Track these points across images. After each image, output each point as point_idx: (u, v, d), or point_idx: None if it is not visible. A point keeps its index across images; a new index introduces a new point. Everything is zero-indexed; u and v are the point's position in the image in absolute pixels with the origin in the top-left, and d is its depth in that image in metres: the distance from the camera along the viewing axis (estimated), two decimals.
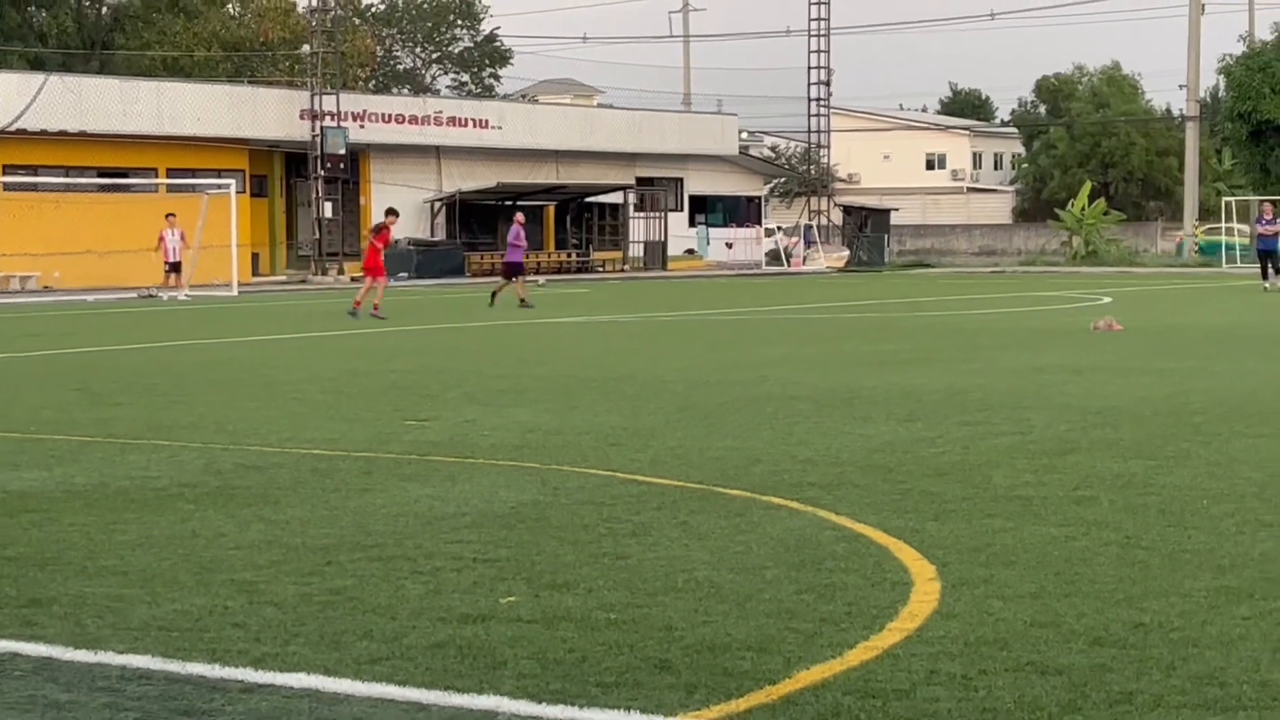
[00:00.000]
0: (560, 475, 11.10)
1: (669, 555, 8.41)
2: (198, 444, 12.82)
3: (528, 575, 7.94)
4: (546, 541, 8.79)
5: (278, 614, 7.19)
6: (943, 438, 12.86)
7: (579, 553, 8.49)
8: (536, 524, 9.31)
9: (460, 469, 11.42)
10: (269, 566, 8.18)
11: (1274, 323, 28.13)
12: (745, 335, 26.32)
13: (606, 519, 9.43)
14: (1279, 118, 65.61)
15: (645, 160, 70.47)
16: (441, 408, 15.44)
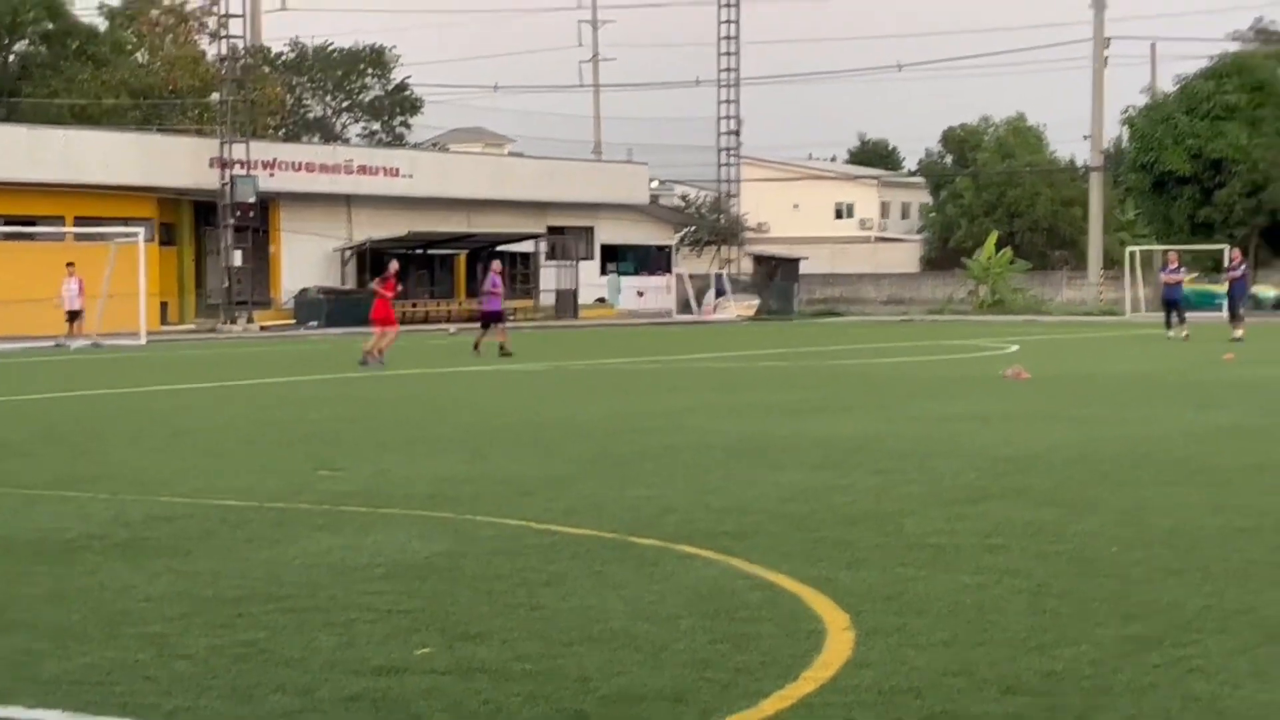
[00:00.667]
0: (474, 525, 11.07)
1: (583, 605, 8.40)
2: (106, 495, 12.70)
3: (442, 626, 7.91)
4: (460, 592, 8.76)
5: (189, 667, 7.13)
6: (854, 486, 12.92)
7: (493, 603, 8.46)
8: (450, 574, 9.27)
9: (373, 519, 11.36)
10: (179, 619, 8.10)
11: (1180, 371, 28.44)
12: (657, 384, 26.35)
13: (520, 569, 9.41)
14: (1181, 169, 66.49)
15: (556, 209, 70.57)
16: (354, 457, 15.37)
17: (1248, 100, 66.74)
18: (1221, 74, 68.69)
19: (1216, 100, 66.77)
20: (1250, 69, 68.82)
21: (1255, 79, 67.78)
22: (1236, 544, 10.04)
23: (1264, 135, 65.92)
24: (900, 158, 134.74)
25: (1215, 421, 18.34)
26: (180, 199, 60.23)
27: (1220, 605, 8.25)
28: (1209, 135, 66.14)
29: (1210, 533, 10.47)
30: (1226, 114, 66.47)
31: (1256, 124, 66.28)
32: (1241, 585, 8.76)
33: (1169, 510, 11.45)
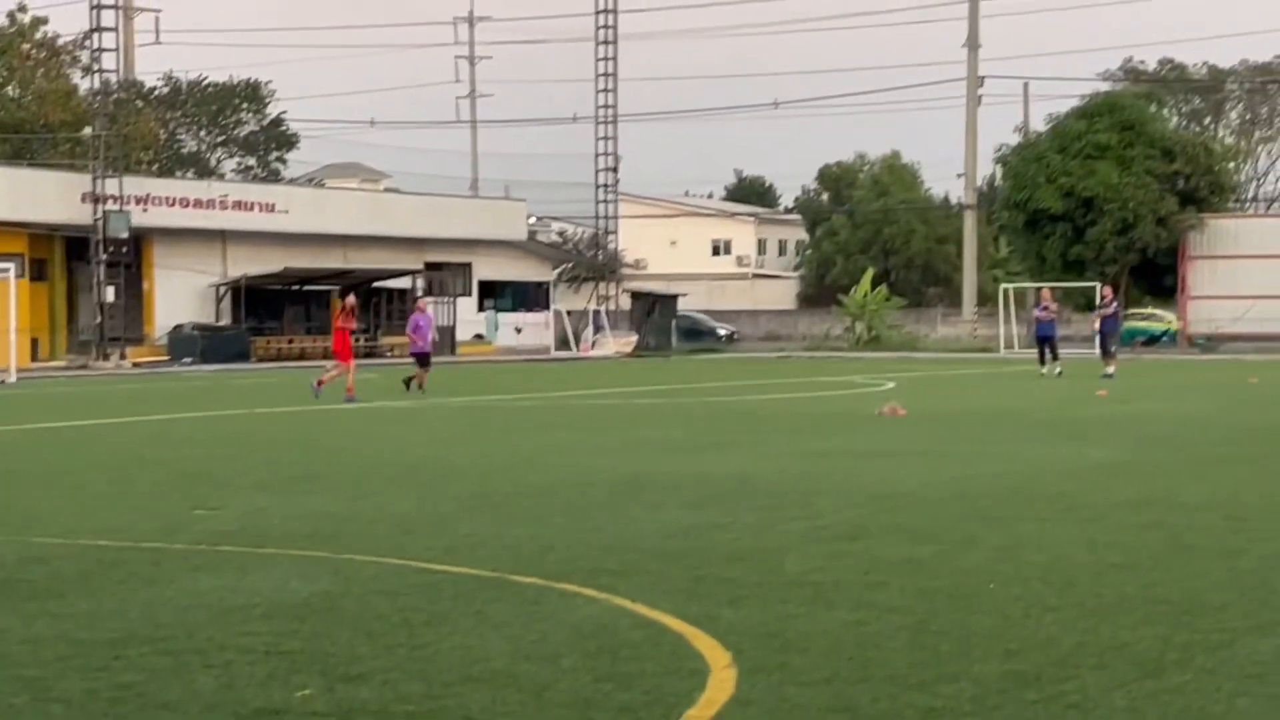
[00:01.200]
0: (353, 564, 11.00)
1: (465, 645, 8.37)
2: None
3: (322, 667, 7.85)
4: (340, 632, 8.70)
5: (65, 711, 7.03)
6: (735, 523, 12.96)
7: (374, 643, 8.41)
8: (330, 614, 9.21)
9: (251, 559, 11.26)
10: (55, 662, 7.99)
11: (1053, 407, 28.76)
12: (536, 421, 26.32)
13: (401, 608, 9.36)
14: (1054, 207, 67.32)
15: (434, 245, 70.40)
16: (231, 496, 15.23)
17: (1118, 139, 67.70)
18: (1093, 113, 69.66)
19: (1088, 139, 67.68)
20: (1121, 108, 69.84)
21: (1125, 118, 68.80)
22: (1111, 580, 10.17)
23: (1134, 174, 66.87)
24: (777, 195, 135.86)
25: (1089, 458, 18.57)
26: (52, 234, 59.53)
27: (1096, 641, 8.35)
28: (1081, 174, 67.02)
29: (1085, 569, 10.60)
30: (1098, 153, 67.39)
31: (1127, 163, 67.23)
32: (1116, 621, 8.86)
33: (1045, 546, 11.57)
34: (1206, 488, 15.26)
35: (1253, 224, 71.76)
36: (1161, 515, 13.22)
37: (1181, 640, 8.36)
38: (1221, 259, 67.69)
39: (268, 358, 59.20)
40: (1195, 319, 67.80)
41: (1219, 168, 71.47)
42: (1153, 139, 68.72)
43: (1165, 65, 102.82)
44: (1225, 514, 13.25)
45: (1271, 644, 8.27)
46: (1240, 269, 67.23)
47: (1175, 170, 68.23)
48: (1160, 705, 7.07)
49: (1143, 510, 13.58)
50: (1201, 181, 68.78)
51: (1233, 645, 8.25)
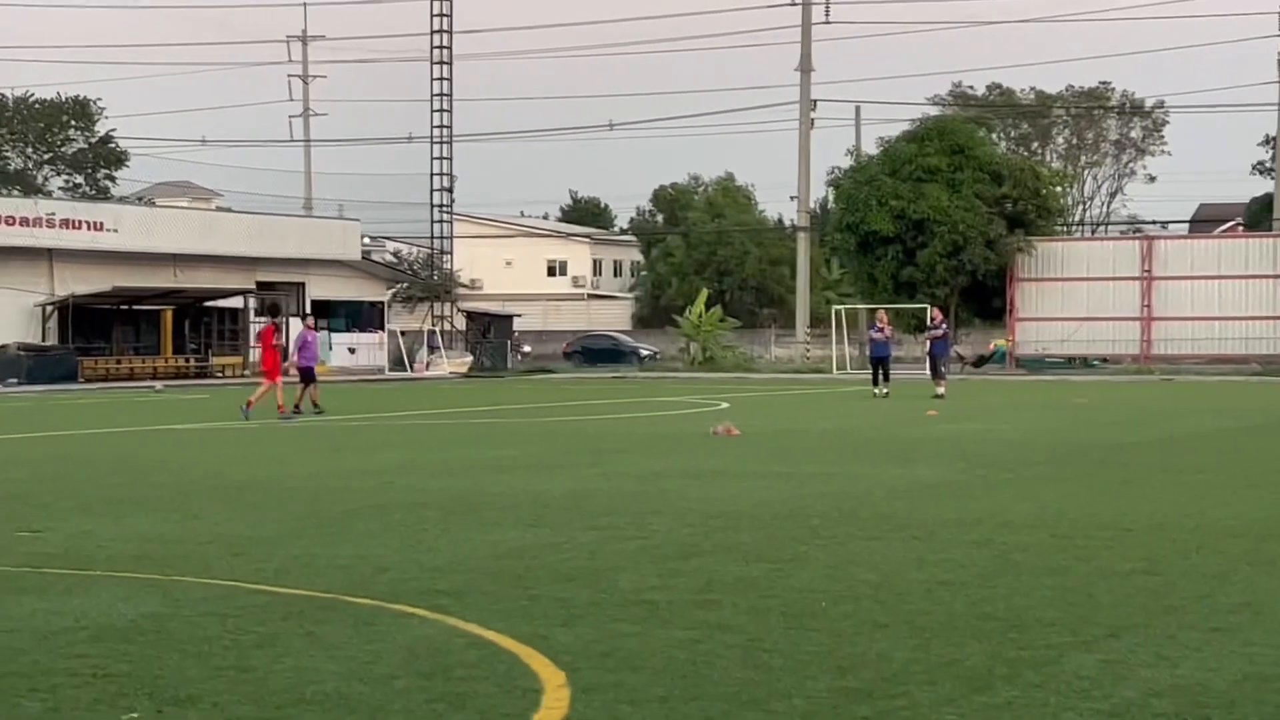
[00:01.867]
0: (182, 586, 10.86)
1: (296, 666, 8.28)
2: None
3: (150, 690, 7.74)
4: (169, 655, 8.58)
5: None
6: (569, 543, 12.96)
7: (203, 666, 8.30)
8: (158, 637, 9.08)
9: (77, 581, 11.07)
10: None
11: (885, 427, 29.08)
12: (370, 441, 26.15)
13: (231, 630, 9.25)
14: (885, 229, 68.09)
15: (266, 265, 69.75)
16: (56, 518, 14.96)
17: (948, 163, 68.64)
18: (923, 137, 70.57)
19: (918, 162, 68.56)
20: (950, 133, 70.82)
21: (955, 142, 69.76)
22: (940, 597, 10.29)
23: (963, 197, 67.82)
24: (612, 216, 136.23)
25: (918, 477, 18.79)
26: None
27: (926, 657, 8.44)
28: (911, 197, 67.86)
29: (915, 586, 10.72)
30: (928, 176, 68.27)
31: (957, 186, 68.17)
32: (946, 637, 8.97)
33: (875, 564, 11.69)
34: (1033, 506, 15.50)
35: (1079, 247, 73.04)
36: (989, 533, 13.41)
37: (1009, 656, 8.48)
38: (1048, 281, 68.87)
39: (96, 378, 58.29)
40: (1023, 340, 68.88)
41: (1046, 191, 72.69)
42: (982, 163, 69.75)
43: (994, 90, 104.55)
44: (1051, 532, 13.47)
45: (1095, 659, 8.41)
46: (1066, 291, 68.44)
47: (1004, 194, 69.31)
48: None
49: (971, 528, 13.77)
50: (1029, 205, 69.93)
51: (1059, 660, 8.38)
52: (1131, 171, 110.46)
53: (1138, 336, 67.43)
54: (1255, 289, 66.19)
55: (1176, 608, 9.93)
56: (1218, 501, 15.86)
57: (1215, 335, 66.28)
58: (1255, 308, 66.10)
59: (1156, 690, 7.71)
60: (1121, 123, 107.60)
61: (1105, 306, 67.69)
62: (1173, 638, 8.97)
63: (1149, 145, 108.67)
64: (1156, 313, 67.09)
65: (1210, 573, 11.29)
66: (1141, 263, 67.72)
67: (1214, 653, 8.57)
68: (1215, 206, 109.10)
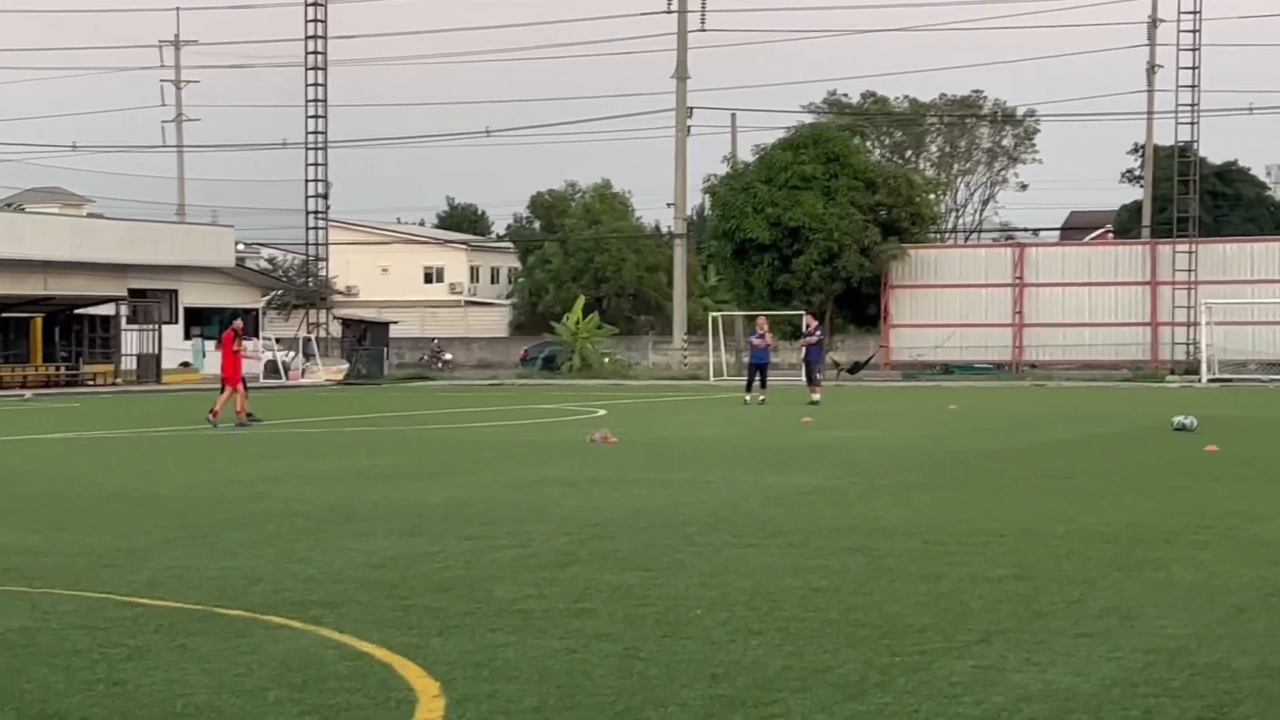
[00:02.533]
0: (51, 599, 10.71)
1: (167, 680, 8.20)
2: None
3: (16, 705, 7.64)
4: (36, 669, 8.46)
5: None
6: (445, 552, 12.91)
7: (71, 679, 8.20)
8: (25, 650, 8.96)
9: None
10: None
11: (761, 434, 29.20)
12: (244, 450, 25.91)
13: (101, 643, 9.14)
14: (761, 236, 68.35)
15: (138, 271, 69.03)
16: None
17: (824, 170, 69.03)
18: (798, 145, 70.93)
19: (794, 170, 68.89)
20: (826, 140, 71.22)
21: (830, 150, 70.16)
22: (814, 604, 10.35)
23: (839, 205, 68.22)
24: (489, 222, 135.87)
25: (792, 483, 18.89)
26: None
27: (800, 665, 8.49)
28: (787, 204, 68.18)
29: (789, 593, 10.77)
30: (803, 184, 68.62)
31: (832, 194, 68.56)
32: (820, 644, 9.03)
33: (750, 572, 11.74)
34: (907, 513, 15.63)
35: (952, 254, 73.77)
36: (863, 540, 13.50)
37: (882, 662, 8.55)
38: (922, 288, 69.46)
39: None
40: (897, 347, 69.43)
41: (920, 199, 73.29)
42: (856, 170, 70.21)
43: (868, 98, 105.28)
44: (924, 539, 13.58)
45: (967, 665, 8.49)
46: (940, 298, 69.07)
47: (878, 201, 69.82)
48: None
49: (845, 535, 13.86)
50: (903, 212, 70.47)
51: (931, 667, 8.46)
52: (1004, 179, 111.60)
53: (1010, 343, 68.13)
54: (1125, 296, 67.11)
55: (1046, 613, 10.05)
56: (1088, 507, 16.06)
57: (1086, 341, 67.14)
58: (1125, 314, 67.02)
59: (1026, 695, 7.80)
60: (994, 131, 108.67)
61: (978, 313, 68.36)
62: (1042, 643, 9.08)
63: (1021, 153, 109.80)
64: (1028, 319, 67.84)
65: (1080, 578, 11.43)
66: (1013, 270, 68.45)
67: (1083, 658, 8.68)
68: (1086, 214, 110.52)
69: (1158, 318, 66.42)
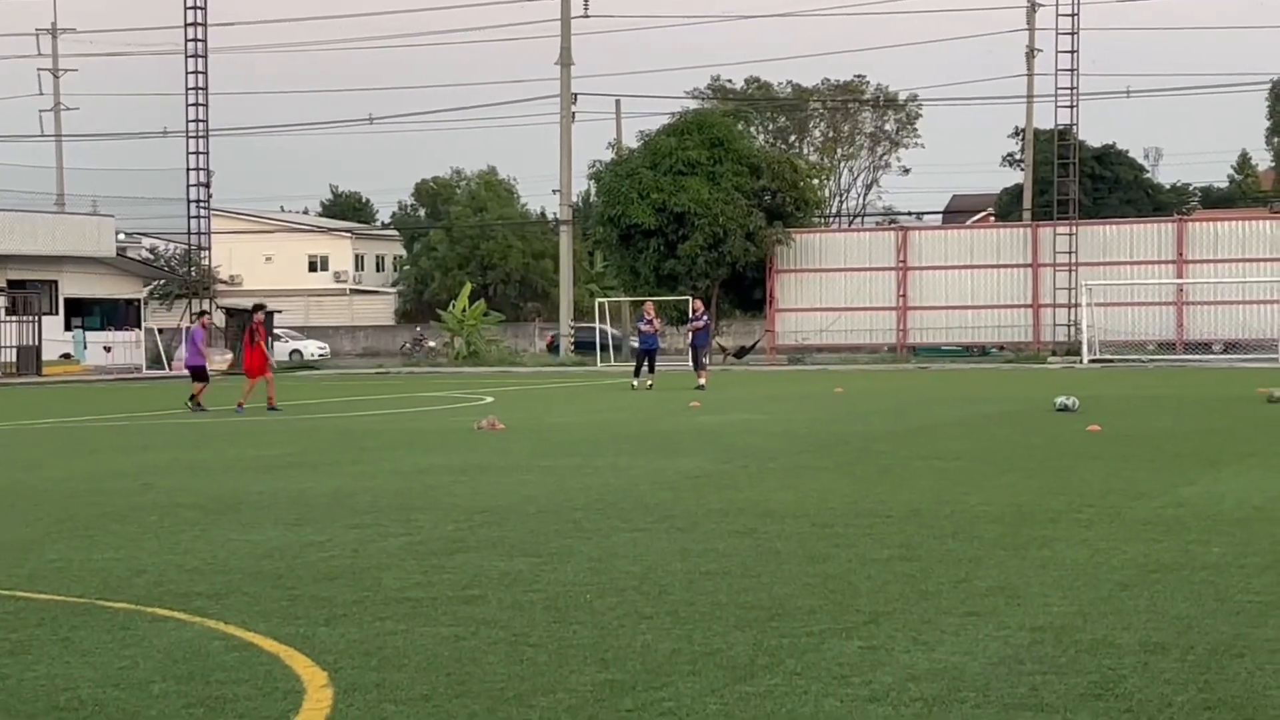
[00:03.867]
0: None
1: (49, 674, 8.09)
2: None
3: None
4: None
5: None
6: (332, 541, 12.83)
7: None
8: None
9: None
10: None
11: (648, 420, 29.23)
12: (127, 441, 25.65)
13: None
14: (646, 222, 68.41)
15: (16, 262, 68.11)
16: None
17: (708, 156, 69.16)
18: (683, 130, 71.03)
19: (679, 155, 68.98)
20: (710, 126, 71.38)
21: (714, 135, 70.31)
22: (703, 587, 10.37)
23: (723, 190, 68.39)
24: (374, 210, 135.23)
25: (680, 468, 18.92)
26: None
27: (689, 648, 8.50)
28: (672, 189, 68.27)
29: (678, 577, 10.79)
30: (688, 169, 68.74)
31: (717, 179, 68.72)
32: (709, 628, 9.04)
33: (639, 556, 11.74)
34: (794, 495, 15.70)
35: (836, 238, 74.14)
36: (752, 523, 13.55)
37: (771, 644, 8.57)
38: (807, 272, 69.79)
39: None
40: (783, 331, 69.73)
41: (804, 184, 73.58)
42: (741, 155, 70.41)
43: (752, 84, 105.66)
44: (812, 521, 13.65)
45: (855, 645, 8.53)
46: (825, 282, 69.43)
47: (763, 186, 70.06)
48: (751, 709, 7.23)
49: (733, 518, 13.90)
50: (788, 197, 70.76)
51: (819, 648, 8.49)
52: (886, 164, 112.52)
53: (894, 326, 68.60)
54: (1007, 278, 67.72)
55: (933, 593, 10.12)
56: (973, 488, 16.20)
57: (969, 324, 67.72)
58: (1008, 296, 67.65)
59: (914, 674, 7.85)
60: (876, 115, 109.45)
61: (863, 296, 68.77)
62: (930, 622, 9.14)
63: (903, 138, 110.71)
64: (912, 302, 68.34)
65: (966, 558, 11.52)
66: (897, 253, 68.92)
67: (969, 636, 8.75)
68: (968, 198, 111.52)
69: (1039, 299, 67.10)
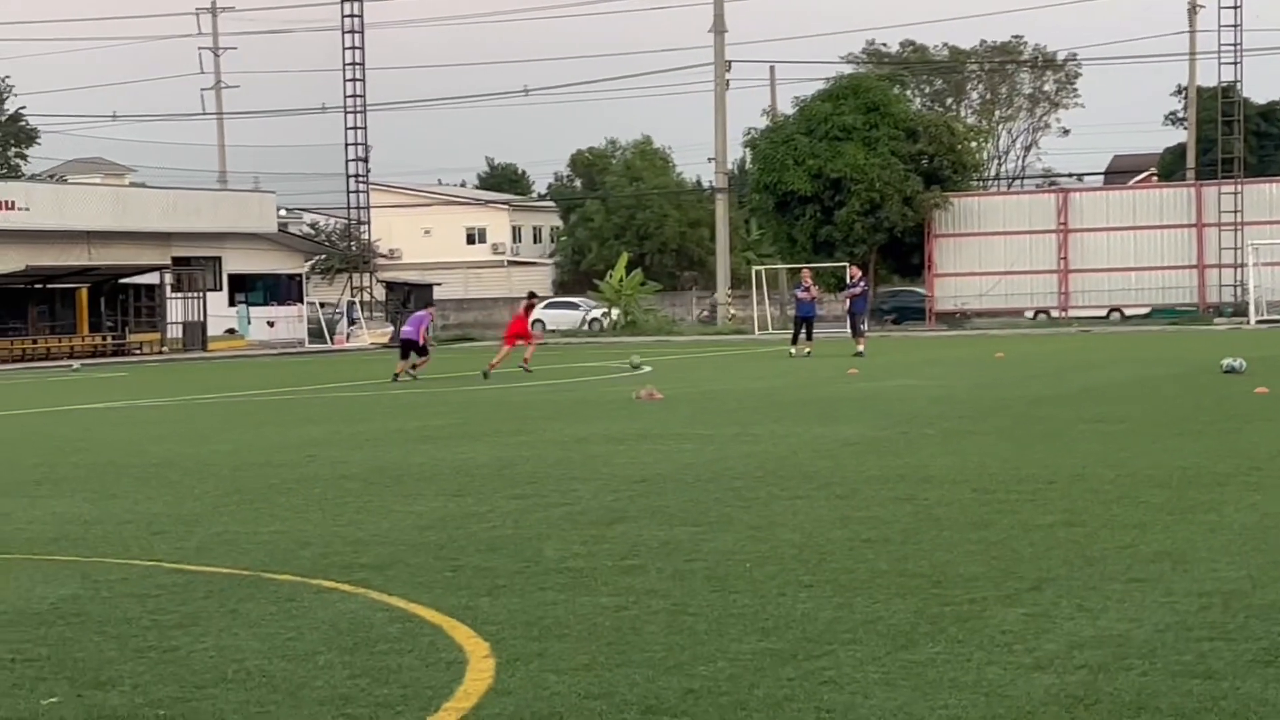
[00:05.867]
0: (102, 567, 10.74)
1: (218, 645, 8.21)
2: None
3: (70, 674, 7.65)
4: (88, 637, 8.48)
5: None
6: (493, 512, 12.91)
7: (123, 648, 8.22)
8: (77, 620, 8.98)
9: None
10: None
11: (807, 387, 29.13)
12: (291, 415, 25.99)
13: (151, 611, 9.16)
14: (803, 188, 68.16)
15: (181, 239, 69.23)
16: None
17: (864, 121, 68.74)
18: (838, 96, 70.63)
19: (834, 121, 68.63)
20: (865, 91, 70.92)
21: (870, 100, 69.87)
22: (863, 555, 10.31)
23: (880, 155, 67.96)
24: (530, 181, 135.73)
25: (839, 435, 18.83)
26: None
27: (850, 616, 8.45)
28: (828, 156, 67.94)
29: (838, 545, 10.73)
30: (844, 134, 68.37)
31: (873, 144, 68.30)
32: (869, 595, 8.98)
33: (798, 524, 11.70)
34: (955, 461, 15.56)
35: (995, 201, 73.40)
36: (912, 490, 13.45)
37: (933, 612, 8.50)
38: (966, 236, 69.19)
39: (11, 359, 57.68)
40: (942, 296, 69.20)
41: (961, 147, 72.96)
42: (897, 120, 69.91)
43: (907, 47, 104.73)
44: (973, 487, 13.52)
45: (1018, 613, 8.43)
46: (984, 246, 68.79)
47: (920, 150, 69.54)
48: (913, 677, 7.18)
49: (893, 485, 13.81)
50: (945, 161, 70.20)
51: (982, 615, 8.41)
52: (1045, 125, 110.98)
53: (1055, 289, 67.81)
54: (1171, 239, 66.71)
55: (1098, 559, 9.98)
56: (1138, 451, 15.97)
57: (1132, 286, 66.77)
58: (1171, 258, 66.64)
59: (1079, 642, 7.75)
60: (1034, 76, 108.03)
61: (1023, 260, 68.07)
62: (1095, 589, 9.02)
63: (1062, 98, 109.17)
64: (1073, 265, 67.51)
65: (1131, 523, 11.36)
66: (1057, 216, 68.12)
67: (1135, 603, 8.62)
68: (1129, 158, 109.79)
69: (1204, 260, 66.01)
